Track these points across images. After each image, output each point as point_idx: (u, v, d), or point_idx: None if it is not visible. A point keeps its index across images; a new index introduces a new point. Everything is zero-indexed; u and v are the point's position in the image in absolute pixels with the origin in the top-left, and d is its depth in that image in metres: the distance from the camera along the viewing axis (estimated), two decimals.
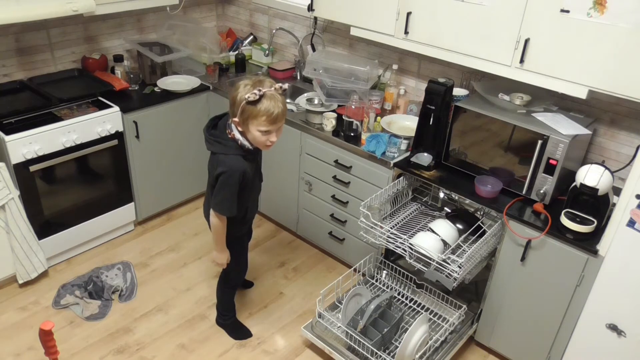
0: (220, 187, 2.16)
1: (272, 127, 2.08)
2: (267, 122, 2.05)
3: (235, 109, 2.07)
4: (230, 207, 2.21)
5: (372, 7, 2.74)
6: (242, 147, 2.15)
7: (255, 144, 2.15)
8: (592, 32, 2.07)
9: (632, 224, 1.98)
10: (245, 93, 2.01)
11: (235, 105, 2.07)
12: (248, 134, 2.11)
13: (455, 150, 2.61)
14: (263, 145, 2.15)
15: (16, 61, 3.14)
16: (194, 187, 3.75)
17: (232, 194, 2.17)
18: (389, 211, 2.76)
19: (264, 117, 2.03)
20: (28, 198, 2.85)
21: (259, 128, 2.06)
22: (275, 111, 2.03)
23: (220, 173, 2.13)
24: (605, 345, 2.19)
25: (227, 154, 2.14)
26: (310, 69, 3.17)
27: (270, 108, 2.02)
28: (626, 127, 2.45)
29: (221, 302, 2.77)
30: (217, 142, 2.16)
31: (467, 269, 2.32)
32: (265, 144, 2.13)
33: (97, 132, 3.01)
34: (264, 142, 2.12)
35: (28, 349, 2.62)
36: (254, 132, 2.08)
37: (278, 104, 2.05)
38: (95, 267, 3.14)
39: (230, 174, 2.13)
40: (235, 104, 2.06)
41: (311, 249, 3.45)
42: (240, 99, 2.03)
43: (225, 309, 2.78)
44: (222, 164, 2.13)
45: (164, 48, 3.53)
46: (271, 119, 2.04)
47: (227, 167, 2.12)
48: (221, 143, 2.15)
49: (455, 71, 2.89)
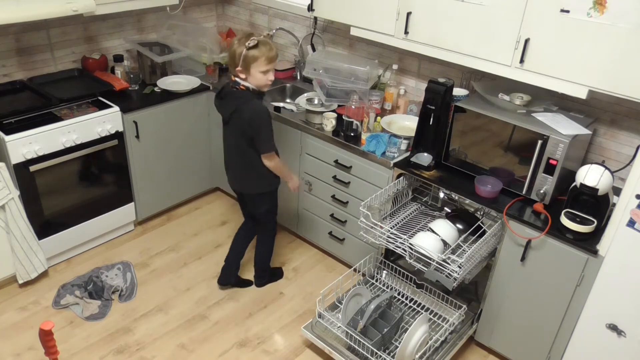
0: (261, 130, 2.47)
1: (270, 66, 2.44)
2: (266, 62, 2.41)
3: (236, 60, 2.41)
4: (274, 144, 2.56)
5: (372, 7, 2.74)
6: (254, 92, 2.48)
7: (258, 86, 2.48)
8: (592, 32, 2.07)
9: (632, 224, 1.98)
10: (243, 44, 2.37)
11: (235, 58, 2.41)
12: (251, 78, 2.44)
13: (455, 150, 2.61)
14: (265, 85, 2.49)
15: (16, 61, 3.14)
16: (194, 187, 3.75)
17: (271, 131, 2.52)
18: (389, 211, 2.76)
19: (264, 58, 2.39)
20: (28, 198, 2.85)
21: (260, 69, 2.41)
22: (271, 53, 2.42)
23: (254, 119, 2.44)
24: (605, 345, 2.19)
25: (249, 102, 2.45)
26: (310, 69, 3.17)
27: (266, 51, 2.40)
28: (626, 127, 2.45)
29: (265, 258, 3.03)
30: (236, 98, 2.47)
31: (467, 269, 2.32)
32: (266, 82, 2.47)
33: (97, 132, 3.01)
34: (265, 81, 2.46)
35: (28, 349, 2.62)
36: (256, 75, 2.43)
37: (272, 46, 2.44)
38: (95, 267, 3.14)
39: (263, 115, 2.46)
40: (235, 57, 2.40)
41: (311, 249, 3.45)
42: (239, 51, 2.38)
43: (268, 261, 3.04)
44: (252, 112, 2.44)
45: (164, 48, 3.53)
46: (269, 59, 2.42)
47: (257, 112, 2.45)
48: (240, 97, 2.46)
49: (455, 71, 2.89)
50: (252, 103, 2.45)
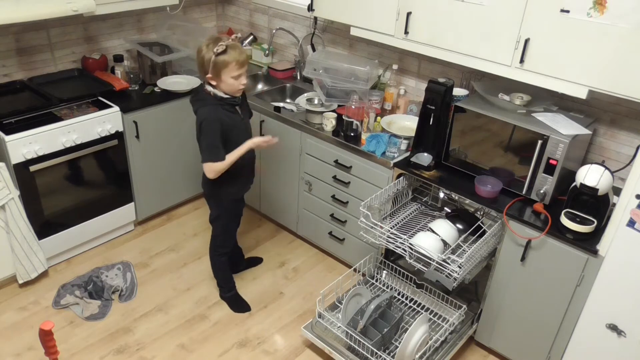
0: (203, 136, 2.38)
1: (241, 70, 2.36)
2: (237, 67, 2.33)
3: (206, 67, 2.32)
4: (218, 154, 2.40)
5: (372, 7, 2.74)
6: (215, 97, 2.38)
7: (230, 91, 2.40)
8: (592, 32, 2.07)
9: (632, 224, 1.98)
10: (211, 50, 2.28)
11: (204, 65, 2.32)
12: (222, 84, 2.36)
13: (455, 150, 2.61)
14: (237, 90, 2.41)
15: (16, 61, 3.14)
16: (194, 187, 3.74)
17: (215, 140, 2.38)
18: (389, 211, 2.76)
19: (234, 63, 2.30)
20: (28, 198, 2.85)
21: (231, 74, 2.33)
22: (242, 56, 2.34)
23: (200, 123, 2.37)
24: (605, 345, 2.19)
25: (204, 106, 2.39)
26: (310, 69, 3.17)
27: (237, 55, 2.31)
28: (626, 127, 2.45)
29: (216, 274, 2.94)
30: (197, 100, 2.43)
31: (467, 269, 2.32)
32: (238, 87, 2.40)
33: (97, 132, 3.01)
34: (237, 86, 2.38)
35: (28, 349, 2.62)
36: (228, 80, 2.35)
37: (241, 50, 2.36)
38: (95, 267, 3.14)
39: (208, 121, 2.36)
40: (204, 63, 2.32)
41: (311, 249, 3.45)
42: (208, 57, 2.29)
43: (222, 280, 2.95)
44: (200, 115, 2.38)
45: (164, 48, 3.53)
46: (240, 64, 2.34)
47: (204, 116, 2.37)
48: (200, 100, 2.42)
49: (455, 71, 2.89)
50: (206, 108, 2.37)
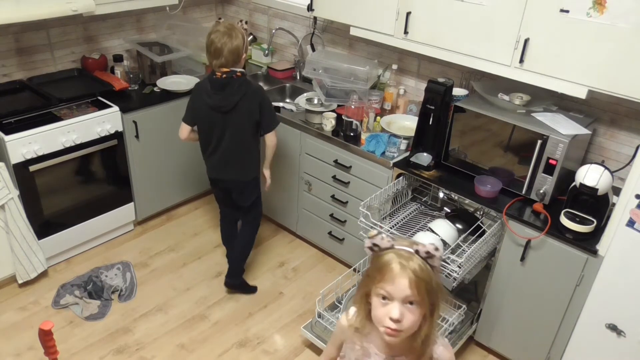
0: (269, 108, 2.62)
1: None
2: None
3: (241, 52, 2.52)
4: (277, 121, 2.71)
5: (371, 7, 2.74)
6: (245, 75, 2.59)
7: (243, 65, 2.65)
8: (592, 32, 2.07)
9: (632, 224, 1.98)
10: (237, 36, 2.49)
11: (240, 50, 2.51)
12: (240, 65, 2.58)
13: (455, 150, 2.61)
14: None
15: (16, 61, 3.14)
16: (194, 187, 3.74)
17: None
18: (388, 211, 2.76)
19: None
20: (28, 198, 2.85)
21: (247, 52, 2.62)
22: None
23: (264, 99, 2.59)
24: (605, 345, 2.19)
25: (251, 86, 2.57)
26: (310, 68, 3.17)
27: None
28: (626, 127, 2.45)
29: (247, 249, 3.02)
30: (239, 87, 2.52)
31: (466, 269, 2.32)
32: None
33: (96, 132, 3.01)
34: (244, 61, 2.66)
35: (28, 349, 2.62)
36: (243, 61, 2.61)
37: None
38: (94, 267, 3.14)
39: (265, 94, 2.63)
40: (239, 50, 2.50)
41: (311, 249, 3.45)
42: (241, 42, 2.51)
43: (248, 252, 3.05)
44: (257, 93, 2.57)
45: (163, 48, 3.53)
46: None
47: (261, 90, 2.61)
48: (242, 84, 2.53)
49: (455, 71, 2.89)
50: (254, 86, 2.59)
